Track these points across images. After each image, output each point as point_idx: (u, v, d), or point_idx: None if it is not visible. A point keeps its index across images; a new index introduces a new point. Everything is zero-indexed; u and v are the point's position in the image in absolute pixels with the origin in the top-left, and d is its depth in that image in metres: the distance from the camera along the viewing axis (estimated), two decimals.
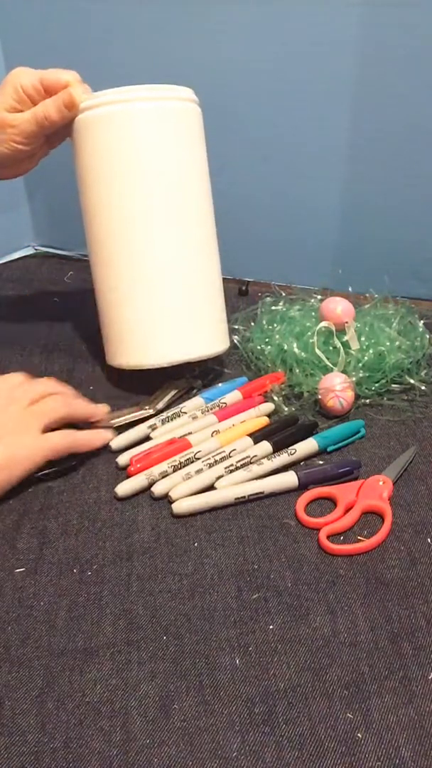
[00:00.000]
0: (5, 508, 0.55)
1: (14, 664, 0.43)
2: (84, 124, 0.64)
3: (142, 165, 0.63)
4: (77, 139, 0.65)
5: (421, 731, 0.39)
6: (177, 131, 0.65)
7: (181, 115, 0.65)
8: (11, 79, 0.64)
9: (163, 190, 0.64)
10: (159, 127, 0.63)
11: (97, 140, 0.64)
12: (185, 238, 0.66)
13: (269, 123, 0.84)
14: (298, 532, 0.52)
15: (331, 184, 0.86)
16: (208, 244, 0.69)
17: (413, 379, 0.68)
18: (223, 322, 0.71)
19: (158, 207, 0.64)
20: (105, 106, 0.63)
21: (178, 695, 0.41)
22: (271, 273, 0.92)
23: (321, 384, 0.65)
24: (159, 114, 0.63)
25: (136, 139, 0.63)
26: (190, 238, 0.66)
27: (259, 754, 0.38)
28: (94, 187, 0.65)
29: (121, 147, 0.63)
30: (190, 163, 0.66)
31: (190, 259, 0.67)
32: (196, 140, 0.67)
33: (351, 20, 0.76)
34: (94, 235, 0.67)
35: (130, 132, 0.63)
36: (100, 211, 0.65)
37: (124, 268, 0.66)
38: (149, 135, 0.63)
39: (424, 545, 0.51)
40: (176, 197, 0.65)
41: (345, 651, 0.43)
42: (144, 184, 0.64)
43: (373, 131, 0.81)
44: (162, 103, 0.63)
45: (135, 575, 0.49)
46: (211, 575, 0.49)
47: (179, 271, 0.66)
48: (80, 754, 0.38)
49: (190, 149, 0.66)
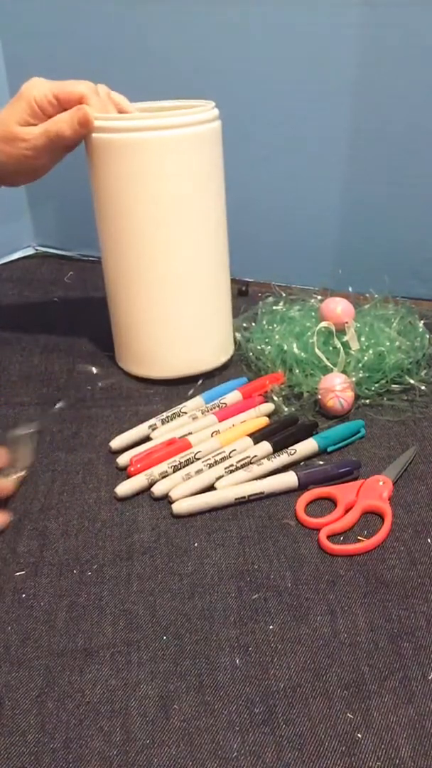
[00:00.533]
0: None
1: (14, 664, 0.43)
2: (102, 146, 0.62)
3: (161, 191, 0.62)
4: (94, 157, 0.64)
5: (421, 731, 0.39)
6: (199, 157, 0.63)
7: (204, 139, 0.63)
8: (25, 92, 0.63)
9: (181, 213, 0.64)
10: (181, 156, 0.62)
11: (116, 165, 0.62)
12: (200, 256, 0.67)
13: (269, 123, 0.84)
14: (298, 532, 0.52)
15: (331, 184, 0.86)
16: (221, 261, 0.69)
17: (413, 379, 0.68)
18: (229, 334, 0.73)
19: (174, 229, 0.64)
20: (125, 132, 0.61)
21: (178, 695, 0.41)
22: (271, 273, 0.92)
23: (321, 384, 0.65)
24: (182, 143, 0.62)
25: (157, 168, 0.62)
26: (204, 256, 0.67)
27: (259, 754, 0.38)
28: (110, 205, 0.65)
29: (140, 174, 0.62)
30: (209, 185, 0.65)
31: (203, 277, 0.68)
32: (215, 160, 0.66)
33: (351, 20, 0.76)
34: (108, 245, 0.68)
35: (150, 161, 0.61)
36: (115, 227, 0.65)
37: (137, 283, 0.67)
38: (171, 164, 0.62)
39: (424, 545, 0.51)
40: (193, 219, 0.65)
41: (345, 651, 0.43)
42: (162, 208, 0.63)
43: (373, 131, 0.81)
44: (186, 131, 0.61)
45: (135, 575, 0.49)
46: (211, 575, 0.49)
47: (192, 288, 0.67)
48: (80, 754, 0.38)
49: (210, 171, 0.65)
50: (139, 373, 0.70)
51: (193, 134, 0.62)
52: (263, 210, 0.90)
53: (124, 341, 0.72)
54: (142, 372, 0.70)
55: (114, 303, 0.71)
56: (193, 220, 0.65)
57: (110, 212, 0.65)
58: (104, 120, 0.62)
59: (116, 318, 0.71)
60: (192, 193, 0.64)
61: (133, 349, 0.71)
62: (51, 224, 1.03)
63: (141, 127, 0.61)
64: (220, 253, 0.69)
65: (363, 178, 0.84)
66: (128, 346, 0.71)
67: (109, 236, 0.67)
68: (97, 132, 0.62)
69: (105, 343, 0.77)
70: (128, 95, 0.69)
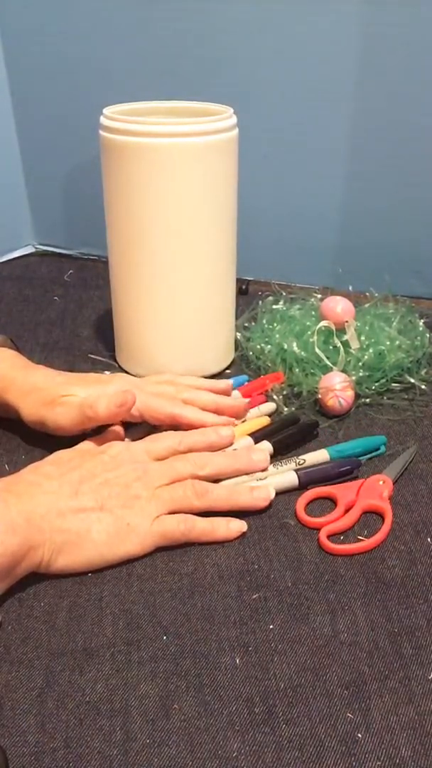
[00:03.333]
0: None
1: (14, 664, 0.43)
2: (119, 148, 0.62)
3: (173, 198, 0.62)
4: (109, 158, 0.64)
5: (421, 731, 0.39)
6: (215, 166, 0.63)
7: (221, 149, 0.63)
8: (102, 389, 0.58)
9: (192, 220, 0.64)
10: (197, 164, 0.62)
11: (131, 167, 0.62)
12: (207, 263, 0.66)
13: (269, 122, 0.84)
14: (298, 532, 0.52)
15: (332, 183, 0.86)
16: (227, 269, 0.69)
17: (413, 378, 0.68)
18: (231, 341, 0.74)
19: (183, 235, 0.64)
20: (143, 136, 0.60)
21: (178, 695, 0.41)
22: (271, 272, 0.92)
23: (321, 383, 0.65)
24: (199, 151, 0.61)
25: (171, 174, 0.61)
26: (212, 263, 0.67)
27: (259, 754, 0.38)
28: (121, 206, 0.64)
29: (154, 179, 0.61)
30: (222, 193, 0.65)
31: (209, 285, 0.68)
32: (230, 169, 0.65)
33: (351, 19, 0.76)
34: (115, 245, 0.68)
35: (165, 167, 0.61)
36: (124, 229, 0.65)
37: (143, 285, 0.67)
38: (186, 171, 0.61)
39: (424, 545, 0.51)
40: (203, 227, 0.64)
41: (345, 651, 0.43)
42: (173, 214, 0.63)
43: (373, 131, 0.81)
44: (205, 139, 0.61)
45: (135, 575, 0.49)
46: (211, 575, 0.49)
47: (197, 295, 0.67)
48: (80, 753, 0.38)
49: (224, 180, 0.65)
50: (139, 373, 0.70)
51: (211, 143, 0.62)
52: (263, 208, 0.90)
53: (126, 341, 0.72)
54: (141, 372, 0.70)
55: (118, 303, 0.71)
56: (203, 228, 0.64)
57: (120, 214, 0.65)
58: (122, 123, 0.61)
59: (119, 317, 0.72)
60: (204, 201, 0.63)
61: (134, 350, 0.71)
62: (51, 223, 1.03)
63: (159, 133, 0.60)
64: (228, 262, 0.69)
65: (363, 177, 0.84)
66: (130, 346, 0.72)
67: (118, 237, 0.67)
68: (115, 134, 0.62)
69: (105, 341, 0.77)
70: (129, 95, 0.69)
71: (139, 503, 0.50)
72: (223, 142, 0.63)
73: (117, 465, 0.52)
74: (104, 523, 0.48)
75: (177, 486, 0.52)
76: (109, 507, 0.49)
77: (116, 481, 0.51)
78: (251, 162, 0.87)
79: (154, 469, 0.53)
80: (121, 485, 0.51)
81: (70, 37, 0.86)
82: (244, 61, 0.82)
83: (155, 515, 0.50)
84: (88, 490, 0.50)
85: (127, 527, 0.49)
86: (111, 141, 0.62)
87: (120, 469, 0.52)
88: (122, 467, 0.52)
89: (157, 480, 0.52)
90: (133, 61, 0.85)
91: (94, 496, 0.49)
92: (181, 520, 0.50)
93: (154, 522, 0.50)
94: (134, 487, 0.51)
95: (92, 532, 0.48)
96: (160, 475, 0.53)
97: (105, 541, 0.48)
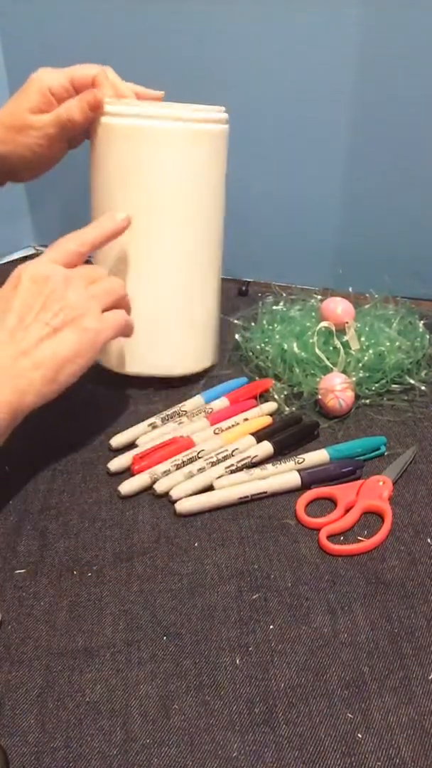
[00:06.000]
0: (5, 509, 0.55)
1: (14, 664, 0.43)
2: (106, 130, 0.62)
3: (155, 182, 0.62)
4: (96, 142, 0.64)
5: (421, 731, 0.39)
6: (200, 154, 0.63)
7: (208, 137, 0.63)
8: (36, 81, 0.63)
9: (174, 210, 0.63)
10: (181, 149, 0.62)
11: (117, 151, 0.62)
12: (187, 256, 0.66)
13: (269, 122, 0.84)
14: (298, 532, 0.52)
15: (332, 184, 0.86)
16: (211, 266, 0.68)
17: (413, 379, 0.68)
18: (214, 342, 0.72)
19: (164, 223, 0.64)
20: (133, 118, 0.61)
21: (178, 695, 0.41)
22: (271, 273, 0.92)
23: (321, 384, 0.65)
24: (185, 136, 0.61)
25: (155, 157, 0.61)
26: (193, 257, 0.66)
27: (259, 754, 0.38)
28: (103, 190, 0.65)
29: (140, 163, 0.61)
30: (207, 186, 0.65)
31: (189, 279, 0.67)
32: (217, 163, 0.65)
33: (351, 20, 0.76)
34: None
35: (149, 149, 0.61)
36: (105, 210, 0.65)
37: (120, 272, 0.66)
38: (169, 156, 0.62)
39: (424, 545, 0.51)
40: (185, 218, 0.64)
41: (345, 651, 0.43)
42: (154, 200, 0.63)
43: (373, 131, 0.81)
44: (194, 126, 0.61)
45: (135, 575, 0.49)
46: (211, 575, 0.49)
47: (175, 288, 0.66)
48: (80, 753, 0.38)
49: (210, 172, 0.64)
50: (113, 366, 0.69)
51: (197, 130, 0.62)
52: (263, 209, 0.90)
53: None
54: (113, 365, 0.69)
55: None
56: (183, 221, 0.64)
57: (103, 197, 0.65)
58: (111, 105, 0.62)
59: None
60: (187, 191, 0.63)
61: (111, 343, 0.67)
62: (51, 224, 1.03)
63: (146, 115, 0.61)
64: (210, 259, 0.68)
65: (363, 177, 0.84)
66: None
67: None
68: (105, 116, 0.62)
69: None
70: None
71: (81, 309, 0.54)
72: (208, 131, 0.62)
73: (40, 289, 0.53)
74: (67, 339, 0.52)
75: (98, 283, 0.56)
76: (59, 325, 0.52)
77: (51, 301, 0.53)
78: (251, 163, 0.87)
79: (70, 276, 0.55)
80: (56, 301, 0.53)
81: (70, 37, 0.87)
82: (245, 61, 0.82)
83: (99, 312, 0.55)
84: (32, 322, 0.52)
85: (86, 330, 0.53)
86: (95, 123, 0.63)
87: (45, 289, 0.53)
88: (46, 288, 0.53)
89: (81, 284, 0.55)
90: (134, 61, 0.85)
91: (41, 325, 0.52)
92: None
93: (101, 318, 0.55)
94: (69, 298, 0.53)
95: (61, 352, 0.52)
96: (80, 278, 0.55)
97: (77, 351, 0.53)
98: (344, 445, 0.60)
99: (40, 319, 0.52)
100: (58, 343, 0.52)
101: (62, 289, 0.54)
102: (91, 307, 0.55)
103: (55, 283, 0.54)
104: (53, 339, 0.52)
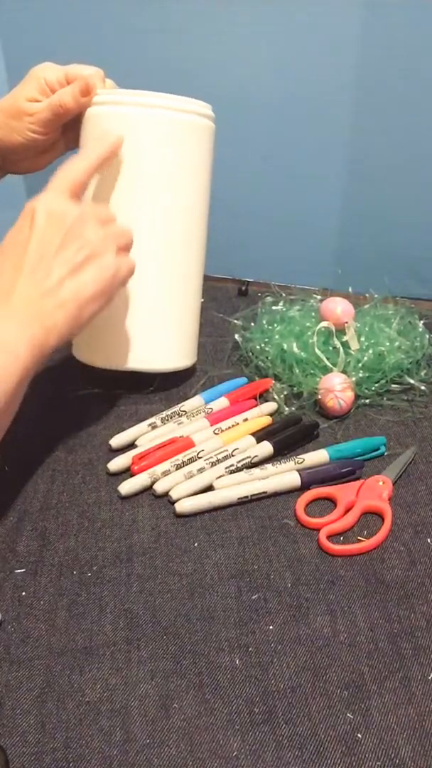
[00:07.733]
0: (5, 509, 0.55)
1: (14, 664, 0.43)
2: (93, 116, 0.63)
3: (141, 171, 0.62)
4: (84, 130, 0.64)
5: (421, 731, 0.39)
6: (182, 146, 0.63)
7: (193, 130, 0.63)
8: (35, 72, 0.64)
9: (154, 201, 0.63)
10: (168, 138, 0.62)
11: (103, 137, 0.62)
12: (166, 249, 0.65)
13: (269, 123, 0.84)
14: (298, 532, 0.52)
15: (331, 185, 0.86)
16: (191, 262, 0.67)
17: (413, 379, 0.68)
18: (193, 339, 0.71)
19: (148, 216, 0.63)
20: (119, 105, 0.62)
21: (178, 695, 0.41)
22: (271, 273, 0.92)
23: (321, 384, 0.65)
24: (171, 124, 0.62)
25: (136, 145, 0.61)
26: (170, 250, 0.65)
27: (259, 754, 0.38)
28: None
29: (125, 149, 0.61)
30: (190, 180, 0.64)
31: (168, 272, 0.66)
32: (200, 157, 0.65)
33: (352, 21, 0.76)
34: None
35: (132, 137, 0.61)
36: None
37: None
38: (151, 144, 0.62)
39: (424, 545, 0.51)
40: (170, 211, 0.64)
41: (345, 651, 0.43)
42: (140, 191, 0.62)
43: (372, 132, 0.81)
44: (177, 115, 0.61)
45: (135, 575, 0.49)
46: (211, 575, 0.49)
47: (153, 280, 0.65)
48: (80, 753, 0.38)
49: (192, 166, 0.64)
50: (94, 362, 0.68)
51: (181, 120, 0.62)
52: (263, 210, 0.90)
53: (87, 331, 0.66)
54: (97, 362, 0.67)
55: None
56: (162, 214, 0.64)
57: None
58: (99, 95, 0.63)
59: None
60: (169, 183, 0.63)
61: (91, 339, 0.68)
62: None
63: (130, 103, 0.61)
64: (191, 256, 0.67)
65: (363, 178, 0.85)
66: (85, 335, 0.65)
67: None
68: (94, 105, 0.63)
69: None
70: None
71: (99, 248, 0.53)
72: (192, 122, 0.63)
73: (58, 226, 0.52)
74: (88, 277, 0.52)
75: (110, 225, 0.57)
76: (80, 263, 0.52)
77: (70, 239, 0.52)
78: (251, 164, 0.87)
79: (86, 213, 0.54)
80: (75, 238, 0.52)
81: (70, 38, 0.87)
82: (244, 62, 0.82)
83: (115, 252, 0.55)
84: (52, 260, 0.51)
85: (106, 269, 0.53)
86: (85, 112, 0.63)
87: (63, 227, 0.52)
88: (63, 225, 0.53)
89: (96, 222, 0.55)
90: (133, 62, 0.85)
91: (61, 263, 0.51)
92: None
93: (117, 258, 0.55)
94: (87, 236, 0.53)
95: (83, 291, 0.52)
96: (94, 217, 0.55)
97: (98, 290, 0.53)
98: (344, 445, 0.60)
99: (60, 258, 0.52)
100: (79, 283, 0.52)
101: (79, 226, 0.53)
102: (109, 247, 0.55)
103: (71, 220, 0.53)
104: (74, 278, 0.52)
